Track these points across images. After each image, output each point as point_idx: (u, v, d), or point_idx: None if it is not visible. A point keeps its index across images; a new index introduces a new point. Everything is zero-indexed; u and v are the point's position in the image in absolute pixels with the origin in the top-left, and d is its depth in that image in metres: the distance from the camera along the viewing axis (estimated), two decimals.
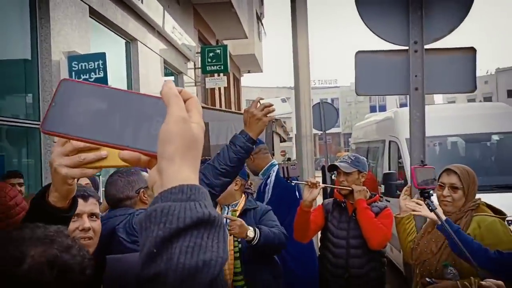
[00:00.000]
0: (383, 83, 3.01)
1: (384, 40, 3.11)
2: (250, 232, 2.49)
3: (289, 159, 22.81)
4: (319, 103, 10.08)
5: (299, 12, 4.44)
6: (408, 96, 3.08)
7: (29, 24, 5.33)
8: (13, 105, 5.25)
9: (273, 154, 13.11)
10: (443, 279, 2.23)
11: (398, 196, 5.45)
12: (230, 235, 2.51)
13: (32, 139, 5.35)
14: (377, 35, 3.10)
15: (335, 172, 3.33)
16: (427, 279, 2.25)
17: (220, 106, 16.27)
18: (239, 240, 2.64)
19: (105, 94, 0.66)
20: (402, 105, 11.02)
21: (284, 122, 19.81)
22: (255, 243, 2.49)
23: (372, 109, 59.53)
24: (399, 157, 5.90)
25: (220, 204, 2.77)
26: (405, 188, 2.92)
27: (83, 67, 5.47)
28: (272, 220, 2.77)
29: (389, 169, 6.22)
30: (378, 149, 7.08)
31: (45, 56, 5.38)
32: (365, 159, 3.17)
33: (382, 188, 5.83)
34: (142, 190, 1.94)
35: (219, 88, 15.25)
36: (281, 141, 16.21)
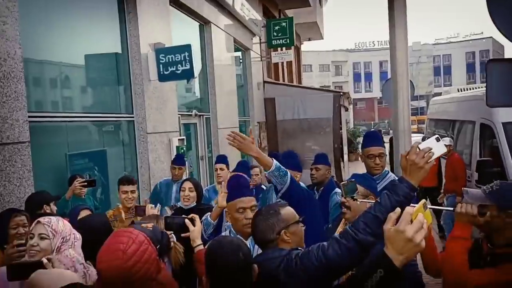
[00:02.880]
0: None
1: None
2: None
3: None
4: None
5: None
6: None
7: (118, 19, 5.49)
8: (107, 99, 5.49)
9: (340, 128, 12.95)
10: None
11: None
12: None
13: (126, 132, 5.61)
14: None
15: None
16: None
17: (283, 79, 16.12)
18: None
19: None
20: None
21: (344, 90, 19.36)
22: None
23: (436, 71, 56.57)
24: (494, 142, 5.58)
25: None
26: None
27: (170, 60, 5.59)
28: None
29: (481, 155, 5.92)
30: (466, 131, 6.73)
31: (135, 50, 5.54)
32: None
33: (475, 176, 5.61)
34: (283, 231, 1.95)
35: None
36: (345, 110, 15.84)
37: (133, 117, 5.57)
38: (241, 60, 11.43)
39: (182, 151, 6.40)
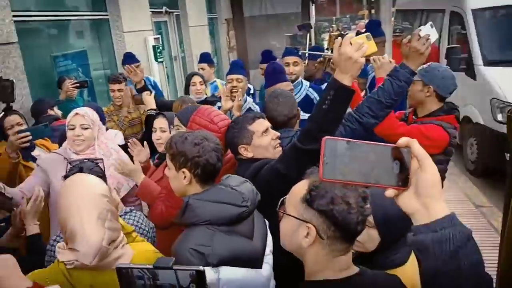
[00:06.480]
0: None
1: None
2: None
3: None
4: None
5: None
6: None
7: None
8: None
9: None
10: None
11: (462, 70, 5.62)
12: None
13: (103, 32, 5.45)
14: None
15: None
16: None
17: None
18: None
19: (359, 147, 0.82)
20: None
21: None
22: None
23: None
24: (462, 29, 5.84)
25: None
26: None
27: None
28: None
29: (449, 42, 6.21)
30: (435, 21, 6.92)
31: None
32: (441, 71, 2.49)
33: (445, 63, 5.94)
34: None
35: None
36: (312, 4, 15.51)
37: (107, 15, 5.37)
38: None
39: (158, 50, 6.33)
